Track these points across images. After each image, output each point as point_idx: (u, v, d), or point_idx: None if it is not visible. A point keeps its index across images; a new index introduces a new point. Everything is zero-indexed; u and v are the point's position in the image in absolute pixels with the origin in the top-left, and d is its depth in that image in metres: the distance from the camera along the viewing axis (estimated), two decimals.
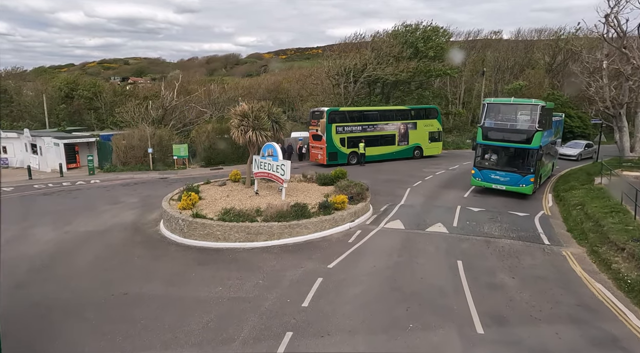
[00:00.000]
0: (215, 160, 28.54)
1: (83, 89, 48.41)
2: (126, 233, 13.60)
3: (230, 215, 12.64)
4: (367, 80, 35.57)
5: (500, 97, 38.54)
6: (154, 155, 27.19)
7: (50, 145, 27.89)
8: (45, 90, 45.86)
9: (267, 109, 16.41)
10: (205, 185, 17.60)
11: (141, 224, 14.78)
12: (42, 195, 19.83)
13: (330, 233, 12.71)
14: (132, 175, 25.32)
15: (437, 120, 31.05)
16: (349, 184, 15.23)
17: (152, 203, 17.87)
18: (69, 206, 17.38)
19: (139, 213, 16.30)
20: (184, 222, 12.62)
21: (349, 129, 27.65)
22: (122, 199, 18.72)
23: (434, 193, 18.61)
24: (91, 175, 25.28)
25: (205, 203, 14.46)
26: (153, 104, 39.52)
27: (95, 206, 17.34)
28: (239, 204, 14.30)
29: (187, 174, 26.08)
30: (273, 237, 12.13)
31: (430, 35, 33.65)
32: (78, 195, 19.75)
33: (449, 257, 10.56)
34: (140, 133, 27.33)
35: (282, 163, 14.84)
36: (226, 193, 15.91)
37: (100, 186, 22.13)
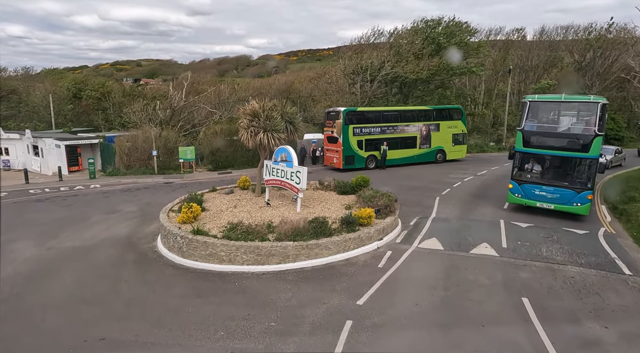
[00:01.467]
0: (224, 163, 26.73)
1: (91, 89, 47.31)
2: (117, 250, 11.75)
3: (237, 232, 10.68)
4: (384, 79, 33.46)
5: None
6: (159, 158, 25.50)
7: (52, 147, 26.43)
8: (53, 90, 44.83)
9: (281, 108, 14.46)
10: (211, 193, 15.71)
11: (136, 239, 12.93)
12: (35, 201, 18.20)
13: (355, 255, 10.64)
14: (135, 180, 23.64)
15: (462, 121, 28.76)
16: (374, 194, 13.15)
17: (151, 212, 16.04)
18: (60, 215, 15.66)
19: (136, 224, 14.48)
20: (182, 240, 10.71)
21: (367, 131, 25.57)
22: (120, 207, 16.95)
23: (468, 203, 16.40)
24: (92, 179, 23.69)
25: (209, 216, 12.54)
26: (161, 104, 38.09)
27: (89, 216, 15.58)
28: (248, 217, 12.34)
29: (193, 179, 24.31)
30: (287, 260, 10.12)
31: (454, 30, 31.39)
32: (73, 202, 18.06)
33: (510, 292, 8.40)
34: (145, 134, 25.67)
35: (298, 170, 12.86)
36: (233, 203, 13.98)
37: (99, 192, 20.45)
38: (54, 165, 26.67)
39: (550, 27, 54.49)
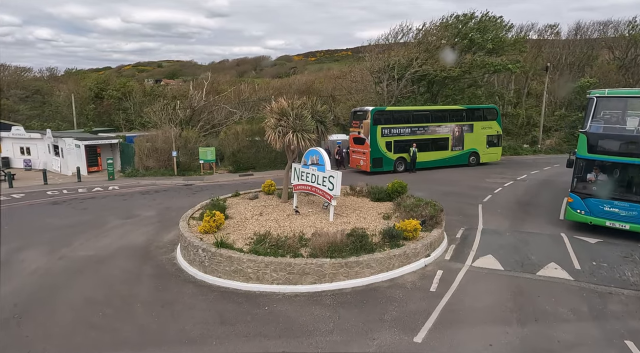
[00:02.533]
0: (245, 165, 25.65)
1: (113, 89, 47.27)
2: (133, 262, 10.65)
3: (266, 246, 9.41)
4: (412, 78, 31.78)
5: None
6: (179, 158, 24.62)
7: (72, 147, 25.92)
8: (76, 90, 44.93)
9: (311, 106, 13.15)
10: (234, 198, 14.53)
11: (154, 248, 11.84)
12: (52, 204, 17.44)
13: (400, 274, 9.21)
14: (154, 181, 22.80)
15: (497, 122, 26.86)
16: (416, 203, 11.67)
17: (171, 218, 14.99)
18: (76, 220, 14.77)
19: (154, 231, 13.42)
20: (205, 253, 9.50)
21: (397, 132, 24.03)
22: (138, 212, 15.98)
23: (517, 213, 14.70)
24: (110, 180, 22.96)
25: (233, 225, 11.32)
26: (181, 103, 37.47)
27: (105, 221, 14.64)
28: (275, 227, 11.07)
29: (213, 181, 23.31)
30: (323, 279, 8.78)
31: (487, 25, 29.46)
32: (90, 205, 17.22)
33: (606, 331, 6.80)
34: (165, 134, 24.84)
35: (331, 174, 11.51)
36: (259, 210, 12.73)
37: (117, 194, 19.61)
38: (73, 165, 26.16)
39: (587, 23, 51.53)
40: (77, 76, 55.04)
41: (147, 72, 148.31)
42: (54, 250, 11.48)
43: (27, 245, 11.97)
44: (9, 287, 9.13)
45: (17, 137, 29.17)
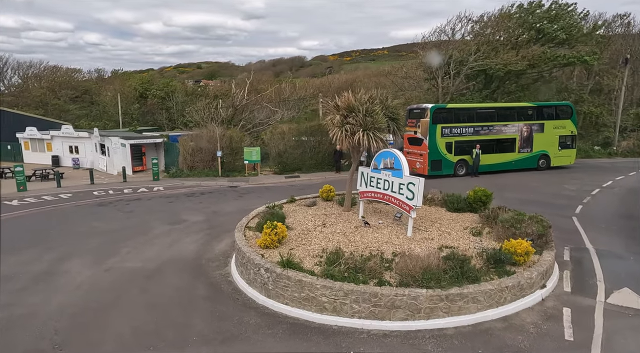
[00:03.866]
0: (291, 166, 24.26)
1: (156, 89, 47.74)
2: (183, 278, 9.34)
3: (341, 268, 7.74)
4: (469, 73, 29.23)
5: None
6: (223, 159, 23.61)
7: (117, 146, 25.62)
8: (122, 90, 45.71)
9: (380, 100, 11.36)
10: (290, 204, 13.01)
11: (205, 261, 10.51)
12: (98, 205, 16.75)
13: (514, 311, 7.25)
14: (198, 182, 21.88)
15: (571, 120, 23.88)
16: (517, 217, 9.58)
17: (220, 224, 13.76)
18: (122, 224, 13.83)
19: (203, 240, 12.16)
20: (268, 274, 7.98)
21: (458, 131, 21.76)
22: (185, 216, 14.87)
23: (627, 229, 12.20)
24: (155, 180, 22.27)
25: (295, 238, 9.77)
26: (223, 102, 36.88)
27: (151, 226, 13.59)
28: (345, 242, 9.40)
29: (259, 183, 22.06)
30: (418, 315, 6.98)
31: (558, 13, 26.41)
32: (135, 207, 16.36)
33: None
34: (209, 134, 23.91)
35: (411, 181, 9.68)
36: (321, 220, 11.12)
37: (162, 196, 18.74)
38: (119, 164, 25.86)
39: None
40: (122, 77, 56.34)
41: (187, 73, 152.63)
42: (99, 260, 10.41)
43: (73, 252, 11.01)
44: (53, 305, 8.03)
45: (66, 135, 29.45)
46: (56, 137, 29.77)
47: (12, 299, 8.26)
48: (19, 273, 9.58)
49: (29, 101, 46.43)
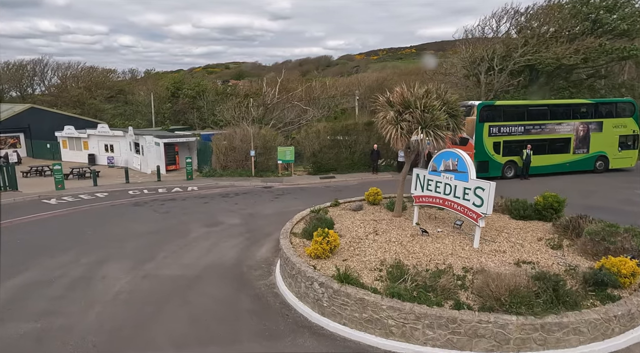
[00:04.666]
0: (326, 166, 23.36)
1: (188, 88, 48.06)
2: (226, 289, 8.60)
3: (409, 285, 6.73)
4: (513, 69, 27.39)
5: None
6: (256, 158, 23.00)
7: (151, 145, 25.53)
8: (155, 90, 46.25)
9: (439, 95, 10.25)
10: (334, 208, 12.09)
11: (247, 268, 9.75)
12: (134, 205, 16.42)
13: (625, 346, 6.02)
14: (232, 182, 21.34)
15: (633, 119, 21.75)
16: (610, 230, 8.24)
17: (258, 228, 13.02)
18: (158, 226, 13.33)
19: (243, 245, 11.43)
20: (323, 289, 7.08)
21: (507, 130, 20.20)
22: (221, 218, 14.24)
23: None
24: (189, 180, 21.91)
25: (345, 247, 8.84)
26: (254, 101, 36.50)
27: (188, 228, 13.02)
28: (404, 253, 8.39)
29: (293, 183, 21.29)
30: (506, 347, 5.89)
31: (617, 1, 24.22)
32: (171, 208, 15.90)
33: None
34: (243, 133, 23.37)
35: (479, 185, 8.54)
36: (371, 227, 10.14)
37: (197, 196, 18.27)
38: (153, 163, 25.79)
39: None
40: (155, 77, 57.24)
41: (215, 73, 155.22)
42: (137, 265, 9.85)
43: (110, 256, 10.52)
44: (91, 315, 7.45)
45: (102, 134, 29.76)
46: (92, 135, 30.15)
47: (50, 307, 7.75)
48: (57, 277, 9.13)
49: (67, 101, 47.77)
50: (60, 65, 53.00)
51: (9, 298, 8.12)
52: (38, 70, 53.98)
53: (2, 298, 8.10)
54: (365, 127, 23.39)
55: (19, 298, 8.08)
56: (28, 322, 7.20)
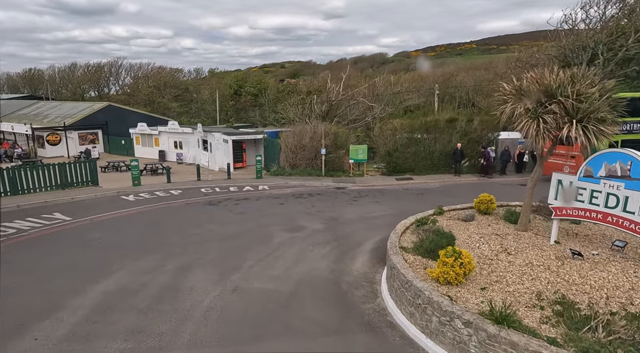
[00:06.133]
0: (402, 167, 21.48)
1: (250, 86, 48.35)
2: (328, 312, 7.24)
3: (602, 337, 4.85)
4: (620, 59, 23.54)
5: None
6: (327, 157, 21.72)
7: (220, 142, 25.28)
8: (219, 88, 47.04)
9: (592, 81, 8.06)
10: (438, 217, 10.31)
11: (347, 286, 8.33)
12: (208, 204, 15.80)
13: None
14: (302, 182, 20.24)
15: None
16: None
17: (345, 235, 11.61)
18: (237, 228, 12.40)
19: (333, 255, 10.06)
20: (470, 331, 5.41)
21: (627, 127, 17.05)
22: (301, 222, 13.03)
23: None
24: (258, 178, 21.17)
25: (478, 270, 7.07)
26: (318, 98, 35.45)
27: (269, 232, 11.94)
28: (560, 282, 6.47)
29: (367, 184, 19.72)
30: None
31: None
32: (246, 208, 15.03)
33: None
34: (313, 130, 22.21)
35: None
36: (496, 243, 8.26)
37: (269, 196, 17.33)
38: (220, 160, 25.55)
39: None
40: (218, 75, 58.54)
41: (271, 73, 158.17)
42: (224, 275, 8.83)
43: (194, 262, 9.65)
44: (183, 337, 6.44)
45: (172, 131, 30.25)
46: (163, 132, 30.79)
47: (139, 322, 6.86)
48: (143, 285, 8.34)
49: (138, 100, 50.21)
50: (132, 66, 55.98)
51: (94, 306, 7.39)
52: (113, 71, 57.51)
53: (88, 306, 7.39)
54: (447, 124, 21.17)
55: (105, 309, 7.31)
56: (116, 341, 6.33)
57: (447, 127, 21.16)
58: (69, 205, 15.32)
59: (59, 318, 6.96)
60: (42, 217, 13.44)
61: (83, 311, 7.21)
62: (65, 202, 15.77)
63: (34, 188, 17.11)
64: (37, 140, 32.16)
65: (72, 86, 55.92)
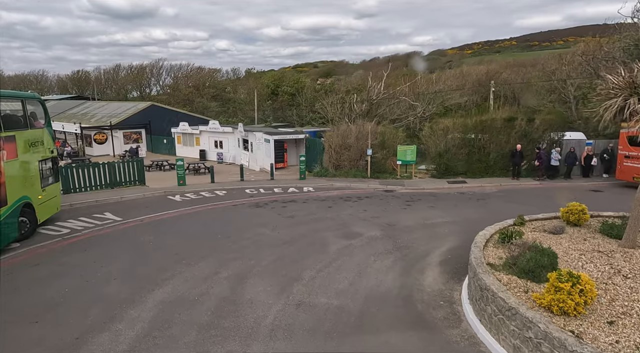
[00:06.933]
0: (454, 169, 20.16)
1: (287, 85, 48.08)
2: (405, 333, 6.37)
3: None
4: None
5: None
6: (372, 158, 20.74)
7: (261, 142, 24.88)
8: (258, 88, 47.06)
9: None
10: (519, 228, 9.11)
11: (423, 305, 7.39)
12: (255, 206, 15.27)
13: None
14: (347, 183, 19.39)
15: None
16: None
17: (406, 244, 10.67)
18: (289, 233, 11.72)
19: (399, 268, 9.13)
20: None
21: None
22: (355, 228, 12.17)
23: None
24: (302, 179, 20.51)
25: None
26: (358, 96, 34.46)
27: (323, 238, 11.18)
28: None
29: (417, 187, 18.59)
30: None
31: None
32: (294, 211, 14.36)
33: None
34: (358, 129, 21.30)
35: None
36: (602, 263, 7.03)
37: (316, 198, 16.60)
38: (261, 160, 25.18)
39: None
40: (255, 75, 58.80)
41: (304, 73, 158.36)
42: (284, 287, 8.12)
43: (249, 270, 9.01)
44: None
45: (213, 130, 30.27)
46: (204, 132, 30.88)
47: (202, 341, 6.24)
48: (200, 295, 7.77)
49: (178, 99, 51.18)
50: (173, 66, 57.24)
51: (153, 319, 6.85)
52: (155, 72, 59.07)
53: (146, 319, 6.87)
54: (505, 124, 19.63)
55: (165, 323, 6.76)
56: None
57: (504, 126, 19.62)
58: (119, 205, 15.26)
59: (117, 332, 6.47)
60: (94, 216, 13.36)
61: (142, 324, 6.69)
62: (114, 201, 15.74)
63: (85, 187, 17.27)
64: (85, 139, 33.21)
65: (117, 87, 57.97)
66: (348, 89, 41.19)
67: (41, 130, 12.31)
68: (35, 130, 11.94)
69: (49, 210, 12.60)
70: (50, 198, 12.62)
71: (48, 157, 12.56)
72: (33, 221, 11.39)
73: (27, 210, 11.11)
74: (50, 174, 12.69)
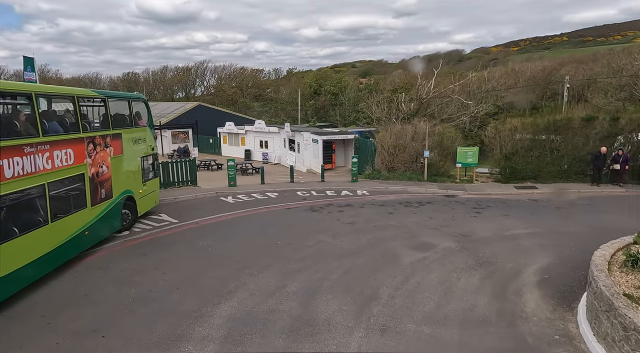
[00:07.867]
0: (521, 173, 18.39)
1: (330, 85, 47.33)
2: None
3: None
4: None
5: None
6: (430, 160, 19.39)
7: (309, 142, 24.18)
8: (299, 87, 46.68)
9: None
10: (635, 246, 7.61)
11: (534, 339, 6.19)
12: (310, 210, 14.48)
13: None
14: (403, 187, 18.17)
15: None
16: None
17: (489, 259, 9.44)
18: (354, 243, 10.77)
19: (489, 287, 7.93)
20: None
21: None
22: (425, 238, 11.03)
23: None
24: (354, 182, 19.54)
25: None
26: (407, 95, 33.03)
27: (392, 249, 10.16)
28: None
29: (481, 192, 17.08)
30: None
31: None
32: (353, 216, 13.41)
33: None
34: (414, 130, 20.02)
35: None
36: None
37: (373, 203, 15.56)
38: (309, 161, 24.50)
39: None
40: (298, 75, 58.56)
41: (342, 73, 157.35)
42: (361, 306, 7.20)
43: (318, 284, 8.17)
44: None
45: (258, 131, 30.02)
46: (250, 132, 30.72)
47: None
48: (270, 312, 7.01)
49: (222, 100, 51.86)
50: (217, 67, 58.21)
51: (223, 341, 6.15)
52: (199, 73, 60.40)
53: (216, 339, 6.19)
54: (584, 124, 17.63)
55: (237, 344, 6.06)
56: None
57: (583, 127, 17.62)
58: (173, 206, 15.01)
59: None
60: (151, 218, 13.10)
61: (213, 345, 5.99)
62: (169, 202, 15.53)
63: None
64: None
65: (164, 88, 59.81)
66: (395, 88, 39.73)
67: (144, 128, 12.92)
68: (139, 128, 12.52)
69: (149, 203, 13.27)
70: (150, 192, 13.26)
71: (149, 154, 13.21)
72: (134, 213, 12.04)
73: (129, 203, 11.74)
74: (151, 169, 13.35)
